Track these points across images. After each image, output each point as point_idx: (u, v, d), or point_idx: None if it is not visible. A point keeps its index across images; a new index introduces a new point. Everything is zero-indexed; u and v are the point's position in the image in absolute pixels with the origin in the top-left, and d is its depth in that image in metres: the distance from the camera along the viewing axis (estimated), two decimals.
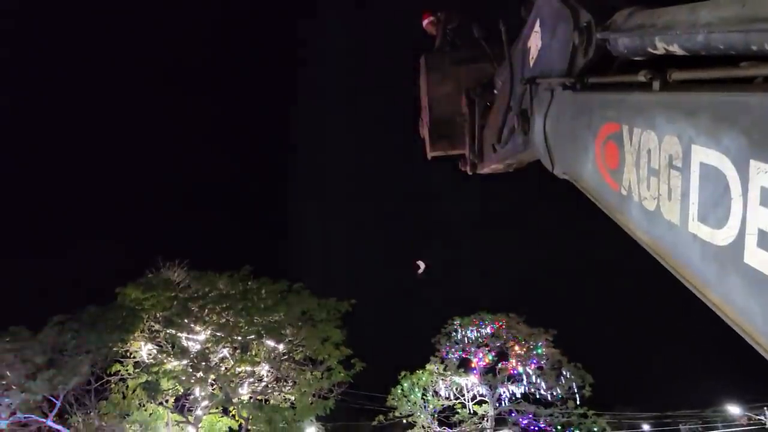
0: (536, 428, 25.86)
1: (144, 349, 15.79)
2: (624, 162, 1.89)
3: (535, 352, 26.20)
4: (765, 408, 26.62)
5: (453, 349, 27.79)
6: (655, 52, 1.71)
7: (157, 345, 15.71)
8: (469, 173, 4.72)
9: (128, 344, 15.44)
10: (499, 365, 27.32)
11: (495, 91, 3.99)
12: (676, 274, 1.64)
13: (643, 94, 1.79)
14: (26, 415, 12.87)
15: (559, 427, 25.27)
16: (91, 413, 14.78)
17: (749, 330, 1.33)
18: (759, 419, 27.25)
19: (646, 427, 35.37)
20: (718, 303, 1.44)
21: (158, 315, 15.06)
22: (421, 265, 16.35)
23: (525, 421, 26.11)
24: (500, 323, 27.48)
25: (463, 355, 27.77)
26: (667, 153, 1.61)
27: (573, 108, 2.37)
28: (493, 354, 27.65)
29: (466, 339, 27.78)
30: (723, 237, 1.35)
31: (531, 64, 2.87)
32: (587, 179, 2.28)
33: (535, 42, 2.81)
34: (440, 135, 5.00)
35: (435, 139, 5.02)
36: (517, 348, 26.82)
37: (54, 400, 13.47)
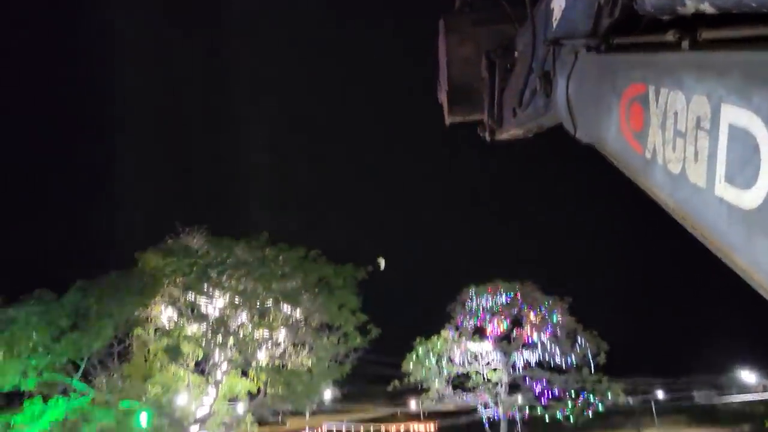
0: (550, 394, 26.12)
1: (164, 314, 16.09)
2: (649, 124, 1.83)
3: (550, 320, 26.30)
4: None
5: (468, 317, 28.00)
6: (683, 10, 1.66)
7: (177, 310, 15.98)
8: (488, 139, 4.66)
9: (149, 309, 15.73)
10: (514, 332, 27.50)
11: (516, 54, 3.92)
12: (701, 239, 1.61)
13: (671, 54, 1.73)
14: (53, 375, 13.23)
15: (572, 393, 25.49)
16: (115, 375, 15.17)
17: None
18: None
19: (659, 393, 35.60)
20: (745, 267, 1.40)
21: (178, 281, 15.28)
22: (382, 262, 16.69)
23: (539, 387, 26.36)
24: (515, 291, 27.58)
25: (478, 323, 27.98)
26: (694, 113, 1.56)
27: (597, 69, 2.32)
28: (508, 321, 27.81)
29: (480, 307, 27.94)
30: (751, 199, 1.32)
31: (554, 25, 2.81)
32: (610, 142, 2.24)
33: (558, 2, 2.74)
34: (459, 100, 4.91)
35: (453, 104, 4.93)
36: (532, 316, 26.93)
37: (78, 362, 13.83)
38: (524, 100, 3.47)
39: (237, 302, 15.33)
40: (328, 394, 29.39)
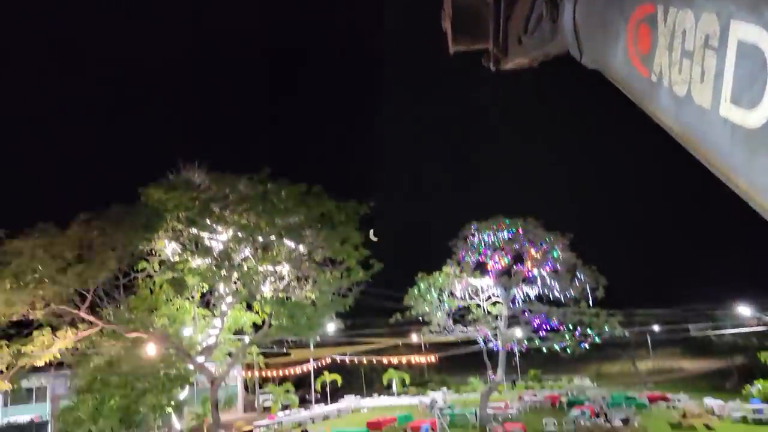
0: (548, 327, 26.69)
1: (168, 248, 16.23)
2: (656, 45, 1.79)
3: (550, 255, 26.55)
4: None
5: (469, 252, 28.27)
6: None
7: (180, 244, 16.11)
8: (492, 69, 4.52)
9: (153, 243, 15.85)
10: (515, 268, 27.83)
11: None
12: (704, 162, 1.61)
13: None
14: (60, 307, 13.47)
15: (570, 326, 26.04)
16: (121, 307, 15.45)
17: None
18: None
19: (655, 326, 36.40)
20: (746, 189, 1.42)
21: (180, 215, 15.31)
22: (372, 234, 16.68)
23: (537, 321, 26.92)
24: (517, 228, 27.72)
25: (480, 259, 28.28)
26: (703, 32, 1.53)
27: None
28: (509, 257, 28.09)
29: (482, 243, 28.17)
30: (755, 118, 1.32)
31: None
32: (617, 67, 2.18)
33: None
34: (463, 28, 4.74)
35: (457, 33, 4.77)
36: (533, 251, 27.17)
37: (85, 293, 14.05)
38: (530, 26, 3.37)
39: (240, 236, 15.40)
40: (331, 326, 30.14)
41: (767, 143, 1.30)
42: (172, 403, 15.30)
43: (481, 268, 28.18)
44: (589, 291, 25.55)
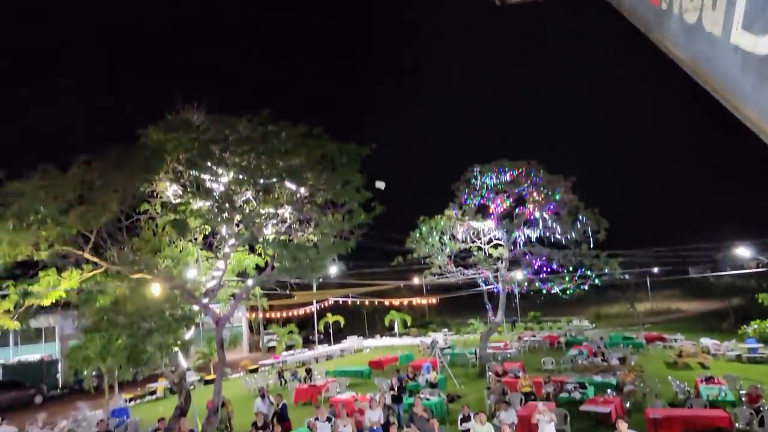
0: (548, 269, 26.93)
1: (170, 190, 16.19)
2: None
3: (552, 198, 26.53)
4: None
5: (471, 195, 28.25)
6: None
7: (181, 186, 16.05)
8: (498, 3, 4.40)
9: (154, 185, 15.80)
10: (517, 211, 27.88)
11: None
12: (712, 92, 1.58)
13: None
14: (64, 248, 13.54)
15: (570, 268, 26.28)
16: (125, 249, 15.55)
17: None
18: None
19: (655, 268, 36.74)
20: (754, 118, 1.41)
21: (181, 157, 15.18)
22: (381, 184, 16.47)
23: (538, 263, 27.14)
24: (520, 170, 27.60)
25: (482, 202, 28.29)
26: None
27: None
28: (511, 200, 28.10)
29: (485, 186, 28.11)
30: (767, 44, 1.30)
31: None
32: None
33: None
34: None
35: None
36: (535, 194, 27.13)
37: (88, 235, 14.10)
38: None
39: (241, 178, 15.31)
40: (334, 269, 30.46)
41: None
42: (178, 342, 15.56)
43: (483, 211, 28.24)
44: (590, 233, 25.66)
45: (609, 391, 17.93)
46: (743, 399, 16.32)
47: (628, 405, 17.27)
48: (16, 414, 24.27)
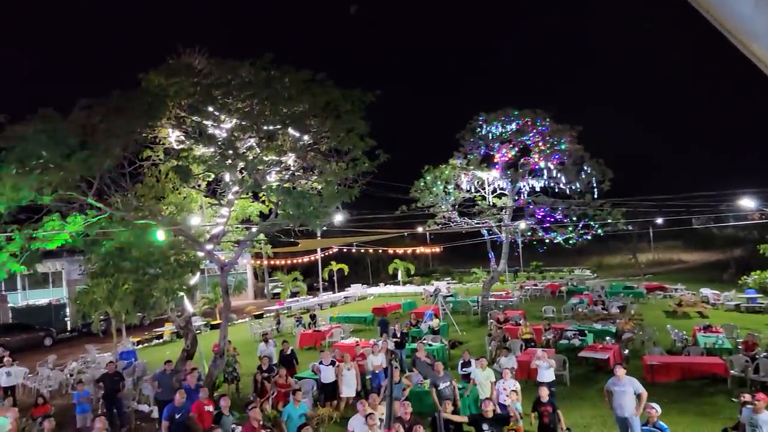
0: (552, 219, 26.94)
1: (172, 136, 16.05)
2: None
3: (558, 148, 26.29)
4: None
5: (476, 145, 28.01)
6: None
7: (184, 132, 15.90)
8: None
9: (156, 130, 15.65)
10: (522, 161, 27.69)
11: None
12: (723, 30, 1.50)
13: None
14: (67, 193, 13.53)
15: (574, 219, 26.27)
16: (129, 195, 15.54)
17: None
18: None
19: (658, 219, 36.72)
20: (762, 55, 1.37)
21: (183, 102, 14.97)
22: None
23: (542, 213, 27.12)
24: (526, 119, 27.25)
25: (486, 151, 28.07)
26: None
27: None
28: (516, 150, 27.86)
29: (490, 135, 27.82)
30: None
31: None
32: None
33: None
34: None
35: None
36: (540, 144, 26.87)
37: (92, 180, 14.07)
38: None
39: (244, 125, 15.14)
40: (338, 217, 30.51)
41: None
42: (184, 287, 15.75)
43: (487, 161, 28.07)
44: (595, 183, 25.54)
45: (608, 338, 18.21)
46: (740, 347, 16.57)
47: (626, 352, 17.57)
48: (26, 355, 24.88)
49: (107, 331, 24.67)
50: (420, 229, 36.83)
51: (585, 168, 25.80)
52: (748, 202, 23.49)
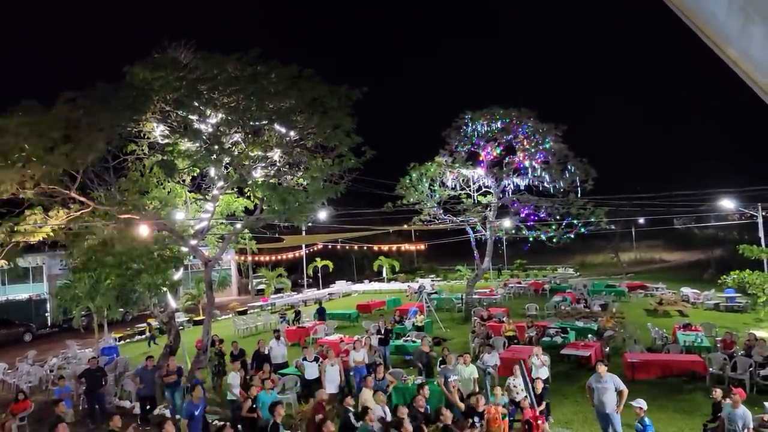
0: (535, 217, 27.13)
1: (157, 131, 15.92)
2: None
3: (542, 147, 26.46)
4: (759, 205, 27.65)
5: (462, 143, 28.10)
6: None
7: (169, 126, 15.77)
8: None
9: (141, 124, 15.50)
10: (506, 159, 27.82)
11: None
12: (698, 32, 1.56)
13: None
14: (50, 187, 13.37)
15: (557, 217, 26.48)
16: (112, 189, 15.39)
17: (764, 85, 1.38)
18: (751, 214, 28.48)
19: (641, 219, 37.16)
20: (737, 59, 1.42)
21: (168, 96, 14.84)
22: None
23: (526, 211, 27.30)
24: (512, 118, 27.39)
25: (472, 149, 28.16)
26: None
27: None
28: (501, 148, 27.99)
29: (475, 133, 27.91)
30: None
31: None
32: None
33: None
34: None
35: None
36: (525, 142, 27.03)
37: (75, 174, 13.91)
38: None
39: (230, 120, 15.06)
40: (323, 213, 30.49)
41: (763, 12, 1.27)
42: (167, 282, 15.66)
43: (473, 159, 28.17)
44: (578, 183, 25.75)
45: (590, 336, 18.41)
46: (718, 345, 16.84)
47: (607, 349, 17.78)
48: (6, 350, 24.57)
49: (89, 327, 24.44)
50: (405, 226, 36.87)
51: (569, 167, 26.00)
52: (728, 203, 23.87)
